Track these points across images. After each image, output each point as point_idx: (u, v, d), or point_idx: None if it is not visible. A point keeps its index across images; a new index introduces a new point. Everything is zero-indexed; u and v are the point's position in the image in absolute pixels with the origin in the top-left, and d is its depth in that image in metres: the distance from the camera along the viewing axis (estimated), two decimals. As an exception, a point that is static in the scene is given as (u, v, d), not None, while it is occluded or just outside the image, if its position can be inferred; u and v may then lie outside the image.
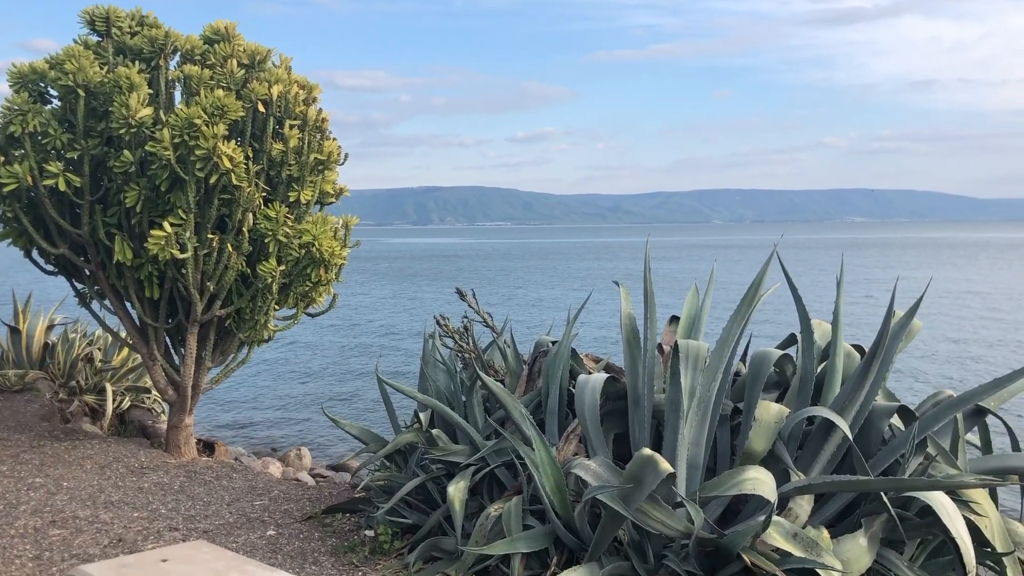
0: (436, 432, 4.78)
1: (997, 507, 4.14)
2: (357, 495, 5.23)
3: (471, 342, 5.45)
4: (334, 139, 6.56)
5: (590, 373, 4.72)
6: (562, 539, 3.91)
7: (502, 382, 5.15)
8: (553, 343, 4.97)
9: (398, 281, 42.61)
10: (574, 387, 4.58)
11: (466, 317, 5.59)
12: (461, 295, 5.65)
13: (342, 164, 6.68)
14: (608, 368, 5.01)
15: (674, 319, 5.06)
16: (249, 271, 6.21)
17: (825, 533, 3.49)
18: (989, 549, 3.61)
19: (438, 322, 5.59)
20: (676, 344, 3.90)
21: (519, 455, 4.17)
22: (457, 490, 4.23)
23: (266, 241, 6.03)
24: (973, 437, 4.44)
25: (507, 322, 5.73)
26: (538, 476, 3.94)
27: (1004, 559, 3.61)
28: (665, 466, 3.48)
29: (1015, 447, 4.36)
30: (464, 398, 5.02)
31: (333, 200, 6.78)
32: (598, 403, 4.30)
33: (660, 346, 4.80)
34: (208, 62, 6.10)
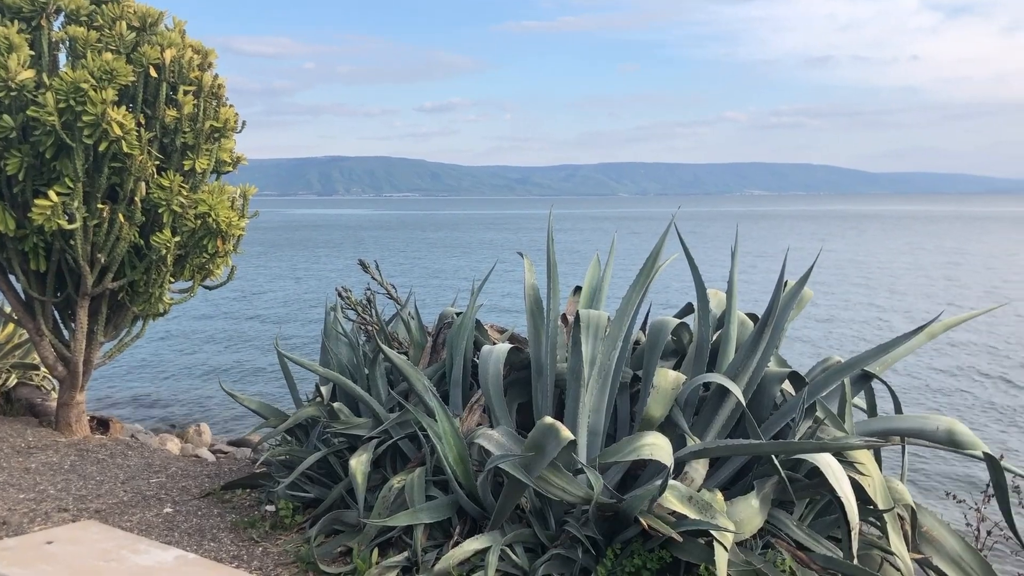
0: (338, 405, 4.72)
1: (880, 467, 4.36)
2: (257, 470, 5.13)
3: (374, 314, 5.39)
4: (231, 106, 6.35)
5: (494, 344, 4.74)
6: (465, 508, 3.92)
7: (405, 354, 5.12)
8: (457, 315, 4.96)
9: (300, 252, 41.86)
10: (479, 358, 4.58)
11: (369, 289, 5.52)
12: (364, 267, 5.58)
13: (239, 132, 6.48)
14: (512, 339, 5.03)
15: (578, 289, 5.11)
16: (142, 242, 5.98)
17: (719, 495, 3.59)
18: (872, 507, 3.78)
19: (340, 294, 5.50)
20: (577, 314, 3.94)
21: (422, 427, 4.15)
22: (359, 463, 4.20)
23: (160, 211, 5.81)
24: (860, 401, 4.65)
25: (411, 294, 5.68)
26: (441, 447, 3.93)
27: (885, 515, 3.78)
28: (566, 434, 3.51)
29: (898, 410, 4.58)
30: (367, 371, 4.96)
31: (230, 169, 6.58)
32: (501, 373, 4.32)
33: (564, 316, 4.84)
34: (95, 23, 5.80)
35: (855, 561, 3.50)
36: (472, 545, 3.62)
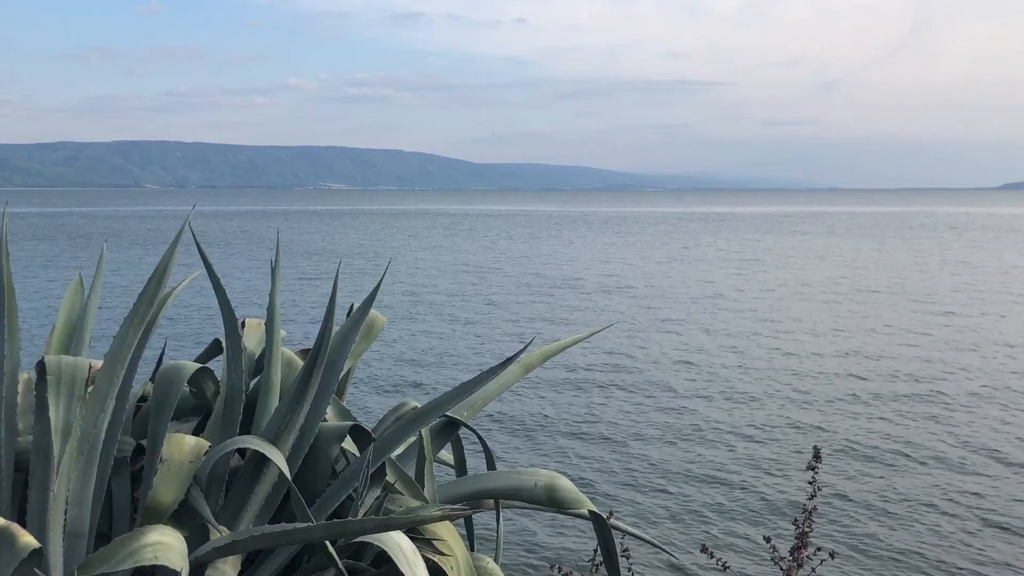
0: None
1: (472, 538, 4.61)
2: None
3: None
4: None
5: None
6: None
7: None
8: None
9: None
10: None
11: None
12: None
13: None
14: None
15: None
16: None
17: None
18: (455, 592, 3.98)
19: None
20: (40, 363, 3.67)
21: None
22: None
23: None
24: (448, 455, 4.88)
25: None
26: None
27: (471, 604, 4.00)
28: (26, 540, 3.26)
29: (491, 465, 4.87)
30: None
31: None
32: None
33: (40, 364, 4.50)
34: None
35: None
36: None
